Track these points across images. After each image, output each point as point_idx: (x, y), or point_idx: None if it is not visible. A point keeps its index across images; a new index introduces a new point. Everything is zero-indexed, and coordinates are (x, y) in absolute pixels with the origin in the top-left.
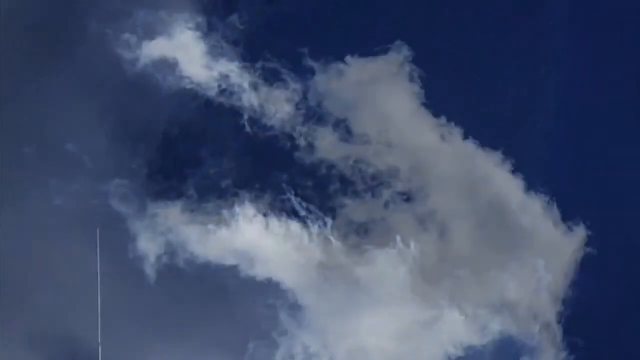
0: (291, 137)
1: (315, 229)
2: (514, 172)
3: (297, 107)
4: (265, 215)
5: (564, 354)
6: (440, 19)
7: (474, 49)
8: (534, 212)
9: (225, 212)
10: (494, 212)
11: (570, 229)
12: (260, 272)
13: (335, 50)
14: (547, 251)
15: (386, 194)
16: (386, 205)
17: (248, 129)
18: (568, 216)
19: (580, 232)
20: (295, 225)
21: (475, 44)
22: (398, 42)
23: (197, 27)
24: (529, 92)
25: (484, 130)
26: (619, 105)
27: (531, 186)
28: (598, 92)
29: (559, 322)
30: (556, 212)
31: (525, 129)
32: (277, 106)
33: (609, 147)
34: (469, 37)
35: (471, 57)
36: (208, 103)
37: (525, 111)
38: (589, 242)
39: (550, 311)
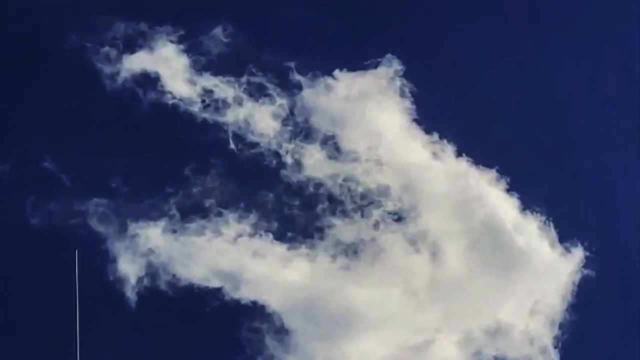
0: (277, 154)
1: (302, 249)
2: (509, 190)
3: (284, 123)
4: (250, 235)
5: None
6: (432, 31)
7: (467, 63)
8: (529, 233)
9: (208, 233)
10: (488, 232)
11: (567, 250)
12: (245, 294)
13: (323, 64)
14: (543, 273)
15: (376, 213)
16: (376, 225)
17: (232, 145)
18: (565, 237)
19: (578, 253)
20: (281, 246)
21: (469, 58)
22: (388, 56)
23: (180, 40)
24: (524, 109)
25: (477, 147)
26: (615, 124)
27: (527, 206)
28: (594, 110)
29: (555, 347)
30: (553, 233)
31: (521, 146)
32: (263, 122)
33: (607, 166)
34: (462, 50)
35: (464, 71)
36: (191, 119)
37: (521, 128)
38: (587, 264)
39: (546, 335)
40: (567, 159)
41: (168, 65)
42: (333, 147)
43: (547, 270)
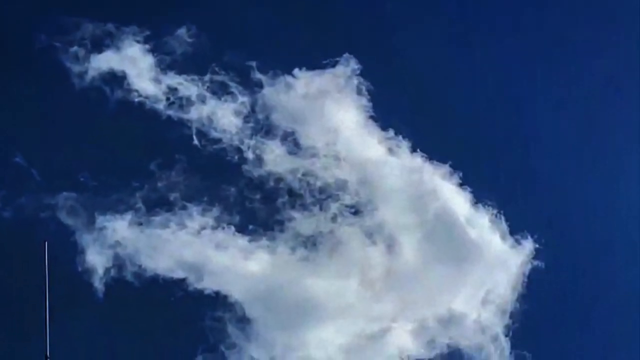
0: (239, 150)
1: (263, 241)
2: (461, 185)
3: (245, 119)
4: (213, 228)
5: None
6: (388, 32)
7: (421, 62)
8: (481, 225)
9: (173, 225)
10: (442, 225)
11: (517, 242)
12: (209, 285)
13: (283, 63)
14: (495, 264)
15: (334, 207)
16: (334, 218)
17: (196, 141)
18: (515, 229)
19: (528, 245)
20: (243, 238)
21: (423, 58)
22: (346, 55)
23: (145, 40)
24: (477, 107)
25: (431, 143)
26: (565, 122)
27: (479, 199)
28: (543, 108)
29: (506, 335)
30: (503, 226)
31: (473, 142)
32: (225, 119)
33: (556, 162)
34: (416, 51)
35: (419, 70)
36: (156, 116)
37: (473, 125)
38: (537, 256)
39: (498, 324)
40: (517, 154)
41: (134, 64)
42: (293, 143)
43: (498, 261)
